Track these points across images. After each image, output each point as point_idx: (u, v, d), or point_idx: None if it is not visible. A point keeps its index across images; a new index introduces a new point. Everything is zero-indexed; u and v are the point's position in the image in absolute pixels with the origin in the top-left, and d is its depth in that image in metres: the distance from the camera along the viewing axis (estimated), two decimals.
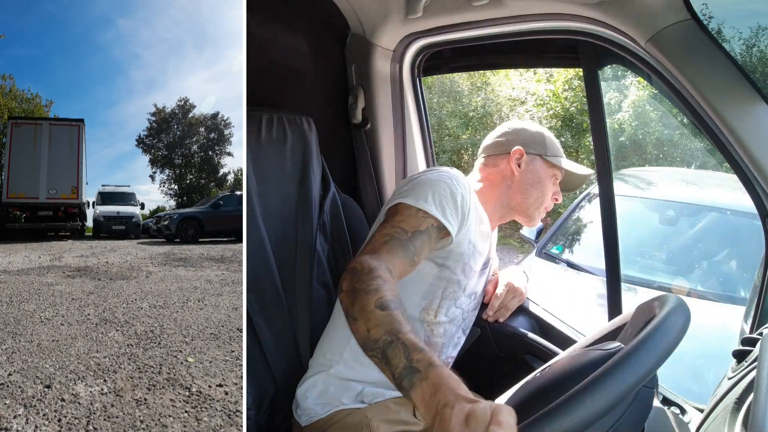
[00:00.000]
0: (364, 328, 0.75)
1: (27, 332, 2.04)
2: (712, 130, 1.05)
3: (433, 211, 1.02)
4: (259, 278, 1.26)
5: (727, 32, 6.49)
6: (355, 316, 0.78)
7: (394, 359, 0.69)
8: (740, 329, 1.15)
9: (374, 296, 0.78)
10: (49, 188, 4.75)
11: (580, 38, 1.24)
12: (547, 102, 7.06)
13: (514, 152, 1.23)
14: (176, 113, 6.69)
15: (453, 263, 1.13)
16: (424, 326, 1.16)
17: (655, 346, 0.54)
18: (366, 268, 0.85)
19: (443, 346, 1.20)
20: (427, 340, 1.16)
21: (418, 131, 1.69)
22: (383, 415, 1.10)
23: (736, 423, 0.67)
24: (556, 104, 7.03)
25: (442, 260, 1.12)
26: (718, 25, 6.22)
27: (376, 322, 0.74)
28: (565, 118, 7.05)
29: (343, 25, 1.59)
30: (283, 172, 1.38)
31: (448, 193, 1.05)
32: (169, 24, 5.49)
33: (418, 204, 1.02)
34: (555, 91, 7.09)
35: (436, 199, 1.03)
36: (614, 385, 0.52)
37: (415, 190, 1.05)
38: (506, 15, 1.31)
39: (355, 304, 0.79)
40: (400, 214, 1.02)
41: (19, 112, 5.15)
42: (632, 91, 6.47)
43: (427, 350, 0.68)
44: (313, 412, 1.13)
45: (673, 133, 6.30)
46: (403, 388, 0.67)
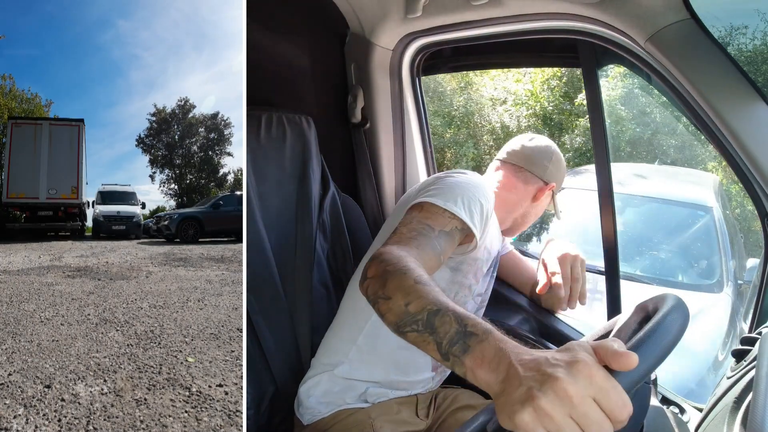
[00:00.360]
0: (401, 303, 0.70)
1: (27, 332, 2.04)
2: (711, 129, 1.05)
3: (462, 215, 0.99)
4: (258, 278, 1.26)
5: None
6: (388, 295, 0.73)
7: (443, 326, 0.64)
8: (739, 329, 1.15)
9: (412, 274, 0.74)
10: (49, 188, 4.74)
11: (580, 38, 1.24)
12: (525, 101, 7.30)
13: (550, 187, 1.26)
14: (176, 113, 6.69)
15: (466, 267, 1.12)
16: None
17: (654, 344, 0.54)
18: (396, 254, 0.81)
19: None
20: None
21: (418, 130, 1.69)
22: (386, 415, 1.10)
23: (735, 422, 0.67)
24: (535, 103, 7.26)
25: (456, 264, 1.11)
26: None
27: (417, 295, 0.70)
28: (543, 117, 7.27)
29: (343, 25, 1.59)
30: (283, 172, 1.38)
31: (476, 199, 1.03)
32: (168, 25, 5.50)
33: (447, 206, 0.99)
34: (533, 90, 7.31)
35: (465, 203, 1.01)
36: None
37: (444, 191, 1.03)
38: (505, 14, 1.31)
39: (389, 284, 0.74)
40: (426, 211, 0.98)
41: (19, 112, 5.15)
42: (603, 92, 6.51)
43: (480, 319, 0.64)
44: (315, 411, 1.13)
45: (645, 131, 6.57)
46: (453, 355, 0.61)
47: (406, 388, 1.16)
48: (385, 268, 0.77)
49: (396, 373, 1.14)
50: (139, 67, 5.69)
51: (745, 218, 4.92)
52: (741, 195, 4.70)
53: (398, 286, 0.73)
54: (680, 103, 1.08)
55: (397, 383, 1.15)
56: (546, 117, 7.24)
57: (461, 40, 1.50)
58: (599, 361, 0.51)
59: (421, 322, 0.66)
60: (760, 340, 0.80)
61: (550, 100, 7.18)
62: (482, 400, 1.22)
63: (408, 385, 1.16)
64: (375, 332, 1.13)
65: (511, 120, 7.28)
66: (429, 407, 1.20)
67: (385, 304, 0.73)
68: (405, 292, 0.71)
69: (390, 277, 0.75)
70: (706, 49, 1.02)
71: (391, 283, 0.74)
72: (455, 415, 1.18)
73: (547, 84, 7.25)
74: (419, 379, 1.17)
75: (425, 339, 0.65)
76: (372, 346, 1.13)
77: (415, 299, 0.69)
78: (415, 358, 1.15)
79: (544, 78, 7.27)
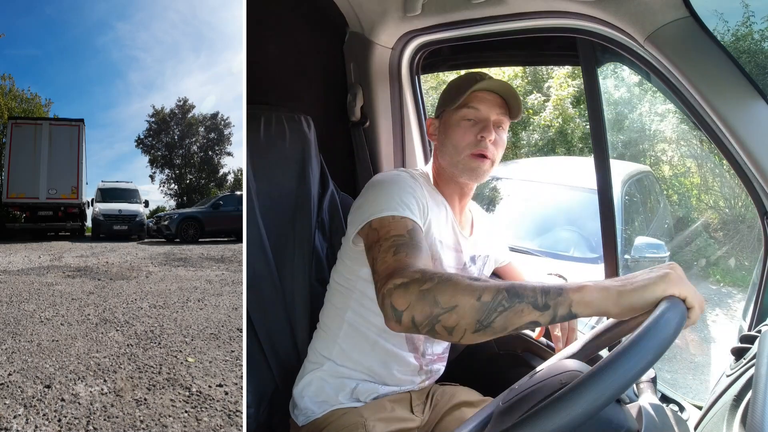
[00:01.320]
0: (472, 302, 0.69)
1: (27, 332, 2.04)
2: (711, 127, 1.05)
3: (402, 212, 0.96)
4: (257, 276, 1.26)
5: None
6: (450, 306, 0.70)
7: (525, 291, 0.68)
8: (739, 327, 1.15)
9: (455, 277, 0.72)
10: (49, 188, 4.72)
11: (579, 36, 1.24)
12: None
13: (427, 126, 1.19)
14: (176, 113, 6.69)
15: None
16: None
17: (650, 343, 0.54)
18: (409, 272, 0.77)
19: (426, 340, 1.17)
20: (409, 338, 1.14)
21: (417, 129, 1.69)
22: (379, 414, 1.10)
23: (734, 420, 0.67)
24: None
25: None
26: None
27: (481, 289, 0.69)
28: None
29: (342, 23, 1.59)
30: (282, 171, 1.38)
31: (407, 193, 1.01)
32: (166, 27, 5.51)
33: (390, 213, 0.96)
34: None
35: (399, 201, 0.98)
36: (610, 382, 0.52)
37: (376, 203, 0.99)
38: (505, 12, 1.31)
39: (440, 297, 0.70)
40: (384, 228, 0.94)
41: (18, 111, 5.14)
42: (552, 92, 7.52)
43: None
44: (309, 411, 1.13)
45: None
46: (553, 300, 0.67)
47: (396, 383, 1.16)
48: (419, 289, 0.73)
49: (380, 366, 1.13)
50: (138, 68, 5.70)
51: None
52: (731, 192, 5.00)
53: (455, 292, 0.70)
54: (680, 101, 1.08)
55: (384, 377, 1.14)
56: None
57: (461, 39, 1.50)
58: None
59: (504, 300, 0.68)
60: (759, 338, 0.80)
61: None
62: (480, 397, 1.22)
63: (396, 380, 1.16)
64: (353, 330, 1.13)
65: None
66: (424, 403, 1.20)
67: (452, 316, 0.70)
68: (467, 291, 0.70)
69: (437, 291, 0.71)
70: (705, 47, 1.02)
71: (443, 295, 0.71)
72: (453, 412, 1.18)
73: (510, 83, 7.50)
74: (403, 371, 1.15)
75: (517, 309, 0.68)
76: (352, 343, 1.13)
77: (483, 290, 0.69)
78: (395, 350, 1.13)
79: (508, 78, 7.82)
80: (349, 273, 1.13)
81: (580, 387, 0.53)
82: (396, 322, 0.74)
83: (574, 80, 7.45)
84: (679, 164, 6.10)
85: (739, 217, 5.39)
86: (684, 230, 5.48)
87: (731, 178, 5.50)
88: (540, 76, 7.94)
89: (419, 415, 1.17)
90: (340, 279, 1.16)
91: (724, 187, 5.79)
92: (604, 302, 0.64)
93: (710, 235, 5.45)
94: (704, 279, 4.97)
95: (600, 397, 0.52)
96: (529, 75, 8.00)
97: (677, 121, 5.81)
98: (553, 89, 7.52)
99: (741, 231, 5.24)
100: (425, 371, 1.19)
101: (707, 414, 0.78)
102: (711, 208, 5.84)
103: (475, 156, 1.08)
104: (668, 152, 6.26)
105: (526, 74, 8.00)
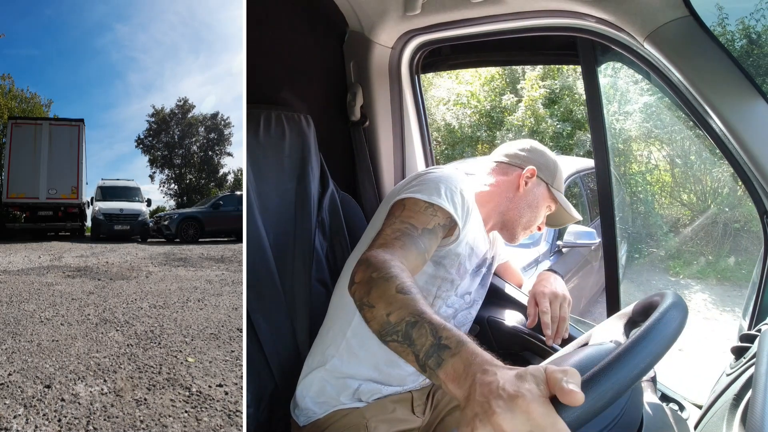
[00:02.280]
0: (383, 313, 0.73)
1: (27, 332, 2.04)
2: (711, 127, 1.05)
3: (446, 205, 1.00)
4: (257, 275, 1.26)
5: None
6: (372, 303, 0.76)
7: (420, 339, 0.66)
8: (738, 326, 1.15)
9: (394, 282, 0.76)
10: (49, 188, 4.70)
11: (579, 35, 1.24)
12: (467, 103, 8.35)
13: (528, 170, 1.23)
14: (176, 113, 6.68)
15: (449, 262, 1.12)
16: None
17: (654, 340, 0.55)
18: (381, 259, 0.83)
19: None
20: None
21: (417, 128, 1.69)
22: (381, 415, 1.10)
23: (734, 419, 0.67)
24: (476, 103, 8.33)
25: (439, 258, 1.11)
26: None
27: (398, 306, 0.72)
28: (482, 114, 8.33)
29: (342, 22, 1.59)
30: (282, 170, 1.38)
31: (458, 190, 1.05)
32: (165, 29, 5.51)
33: (431, 199, 1.00)
34: (473, 91, 8.35)
35: (448, 195, 1.02)
36: (615, 380, 0.52)
37: (426, 185, 1.04)
38: (504, 12, 1.31)
39: (372, 292, 0.77)
40: (408, 209, 1.00)
41: (18, 111, 5.12)
42: (525, 93, 7.88)
43: (455, 329, 0.66)
44: (311, 412, 1.13)
45: (564, 127, 7.54)
46: (429, 368, 0.64)
47: (400, 383, 1.16)
48: (370, 275, 0.80)
49: (387, 364, 1.14)
50: (137, 69, 5.71)
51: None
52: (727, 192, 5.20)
53: (381, 294, 0.75)
54: (680, 100, 1.08)
55: (389, 377, 1.15)
56: (484, 114, 8.32)
57: (460, 38, 1.50)
58: (549, 389, 0.52)
59: (400, 333, 0.69)
60: (759, 337, 0.80)
61: (490, 100, 8.30)
62: None
63: (400, 379, 1.16)
64: (363, 325, 1.13)
65: (452, 118, 8.30)
66: (425, 404, 1.20)
67: (370, 312, 0.76)
68: (387, 301, 0.74)
69: (374, 284, 0.78)
70: (705, 46, 1.02)
71: (374, 291, 0.77)
72: (453, 413, 1.18)
73: (488, 85, 8.37)
74: (411, 370, 1.16)
75: (405, 350, 0.68)
76: (361, 339, 1.13)
77: (395, 309, 0.72)
78: None
79: (484, 81, 8.31)
80: None
81: (640, 342, 0.54)
82: (349, 288, 0.84)
83: (545, 81, 7.85)
84: (645, 161, 6.40)
85: (705, 212, 5.63)
86: (642, 223, 5.72)
87: (702, 177, 5.75)
88: (517, 77, 8.26)
89: (420, 415, 1.17)
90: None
91: (691, 184, 6.06)
92: (457, 399, 0.60)
93: (670, 229, 5.72)
94: (664, 272, 5.15)
95: (648, 358, 0.54)
96: (507, 76, 8.30)
97: (640, 120, 6.01)
98: (525, 90, 7.86)
99: (705, 227, 5.43)
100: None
101: (707, 413, 0.78)
102: (677, 205, 6.11)
103: (528, 233, 1.26)
104: (635, 150, 6.54)
105: (504, 75, 8.31)
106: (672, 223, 5.88)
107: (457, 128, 8.32)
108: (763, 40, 5.33)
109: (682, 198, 6.07)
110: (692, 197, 5.96)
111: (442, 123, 8.44)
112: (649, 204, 6.10)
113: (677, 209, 6.05)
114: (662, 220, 5.89)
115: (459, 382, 0.59)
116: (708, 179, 5.74)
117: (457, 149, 8.35)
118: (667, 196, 6.20)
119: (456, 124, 8.30)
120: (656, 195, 6.24)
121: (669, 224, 5.84)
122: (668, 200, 6.18)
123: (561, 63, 5.80)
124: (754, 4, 5.24)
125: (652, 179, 6.24)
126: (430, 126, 1.77)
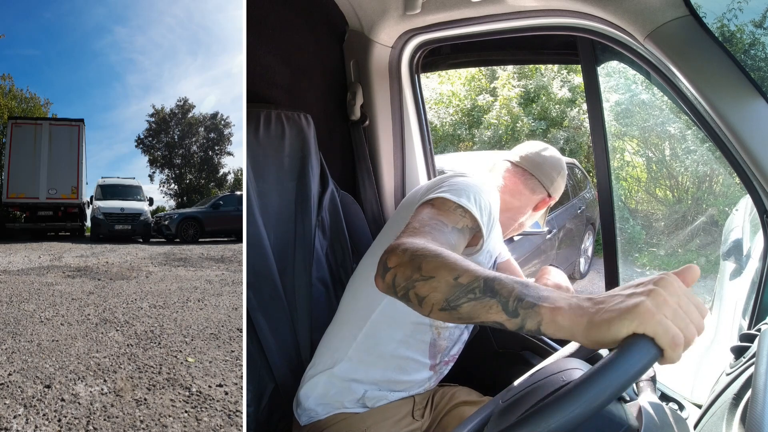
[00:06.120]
0: (449, 278, 0.67)
1: (27, 332, 2.04)
2: (711, 126, 1.05)
3: (474, 212, 0.97)
4: (257, 275, 1.26)
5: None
6: (428, 275, 0.70)
7: (503, 288, 0.63)
8: (738, 325, 1.15)
9: (445, 253, 0.72)
10: (49, 188, 4.68)
11: (579, 34, 1.24)
12: (448, 103, 8.60)
13: (552, 199, 1.26)
14: (176, 113, 6.68)
15: None
16: (432, 330, 1.15)
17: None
18: (417, 241, 0.78)
19: (446, 349, 1.19)
20: (434, 342, 1.15)
21: (417, 127, 1.69)
22: (382, 420, 1.11)
23: (734, 419, 0.67)
24: (457, 102, 8.61)
25: None
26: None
27: (464, 269, 0.68)
28: (463, 112, 8.57)
29: (342, 22, 1.58)
30: (282, 169, 1.38)
31: (486, 201, 1.02)
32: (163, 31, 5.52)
33: (460, 201, 0.97)
34: (454, 91, 8.61)
35: (476, 202, 0.99)
36: (611, 382, 0.52)
37: (455, 189, 1.01)
38: (505, 11, 1.31)
39: (424, 266, 0.71)
40: (437, 208, 0.96)
41: (18, 111, 5.11)
42: (500, 92, 8.08)
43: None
44: (313, 412, 1.13)
45: (539, 125, 7.79)
46: (523, 309, 0.61)
47: (405, 389, 1.16)
48: (413, 254, 0.74)
49: (396, 371, 1.14)
50: (136, 71, 5.70)
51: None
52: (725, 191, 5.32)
53: (438, 265, 0.70)
54: (680, 99, 1.08)
55: (396, 384, 1.15)
56: (464, 112, 8.56)
57: (460, 37, 1.50)
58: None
59: (478, 289, 0.65)
60: (759, 336, 0.80)
61: (470, 99, 8.55)
62: (480, 397, 1.22)
63: (407, 386, 1.16)
64: (375, 331, 1.12)
65: (434, 117, 8.49)
66: (426, 407, 1.20)
67: (427, 285, 0.69)
68: (449, 268, 0.69)
69: (423, 259, 0.72)
70: (705, 45, 1.02)
71: (427, 264, 0.71)
72: (453, 411, 1.18)
73: (468, 84, 8.59)
74: (418, 378, 1.17)
75: (485, 304, 0.64)
76: (372, 345, 1.13)
77: (463, 272, 0.67)
78: (415, 357, 1.14)
79: (465, 80, 8.52)
80: None
81: (583, 384, 0.52)
82: (381, 278, 0.76)
83: (520, 80, 7.99)
84: (618, 157, 6.49)
85: (676, 208, 5.74)
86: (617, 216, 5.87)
87: (678, 174, 5.87)
88: (497, 76, 8.41)
89: (419, 419, 1.18)
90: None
91: (662, 179, 6.17)
92: (574, 329, 0.58)
93: (640, 223, 5.86)
94: (631, 264, 5.24)
95: (602, 394, 0.51)
96: (487, 76, 8.47)
97: (612, 117, 6.09)
98: (499, 89, 8.05)
99: (677, 222, 5.54)
100: (437, 372, 1.21)
101: (707, 412, 0.77)
102: (650, 200, 6.28)
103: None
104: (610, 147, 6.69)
105: (486, 75, 8.47)
106: (642, 216, 6.03)
107: (438, 126, 8.48)
108: (737, 38, 5.34)
109: (656, 193, 6.20)
110: (667, 192, 6.09)
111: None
112: (619, 197, 6.22)
113: (648, 204, 6.20)
114: (629, 213, 6.05)
115: (571, 309, 0.58)
116: (684, 177, 5.88)
117: (438, 147, 8.43)
118: (641, 191, 6.36)
119: (438, 122, 8.46)
120: (629, 190, 6.39)
121: (639, 217, 6.01)
122: (644, 195, 6.33)
123: (561, 62, 5.82)
124: (726, 4, 5.25)
125: (625, 174, 6.37)
126: None
